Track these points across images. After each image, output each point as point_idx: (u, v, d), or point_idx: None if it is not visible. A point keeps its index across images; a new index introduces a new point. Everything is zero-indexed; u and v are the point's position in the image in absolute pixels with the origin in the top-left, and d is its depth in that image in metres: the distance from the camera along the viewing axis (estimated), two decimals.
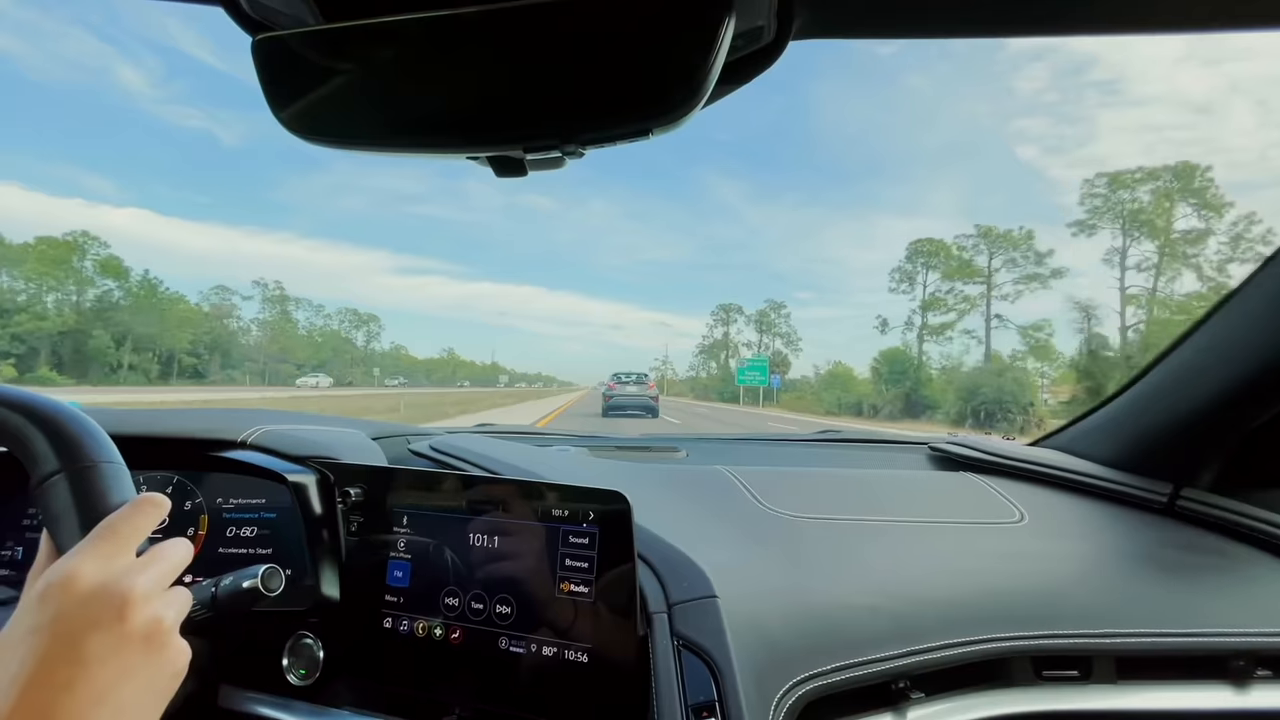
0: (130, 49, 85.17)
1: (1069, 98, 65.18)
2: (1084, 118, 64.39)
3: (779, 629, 0.62)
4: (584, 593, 0.57)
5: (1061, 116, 66.46)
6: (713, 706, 0.50)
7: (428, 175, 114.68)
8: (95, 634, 0.34)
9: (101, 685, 0.34)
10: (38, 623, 0.34)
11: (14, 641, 0.34)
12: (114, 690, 0.34)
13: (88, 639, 0.34)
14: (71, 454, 0.44)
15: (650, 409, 17.95)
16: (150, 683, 0.36)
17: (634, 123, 0.35)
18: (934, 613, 0.67)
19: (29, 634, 0.34)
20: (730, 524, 0.82)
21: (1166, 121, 62.40)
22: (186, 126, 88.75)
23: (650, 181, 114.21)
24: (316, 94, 0.41)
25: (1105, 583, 0.76)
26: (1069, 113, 65.67)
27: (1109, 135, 64.08)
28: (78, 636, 0.34)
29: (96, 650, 0.34)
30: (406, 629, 0.62)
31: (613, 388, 18.74)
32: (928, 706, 0.65)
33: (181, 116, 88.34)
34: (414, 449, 0.97)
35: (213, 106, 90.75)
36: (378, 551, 0.65)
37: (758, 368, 37.85)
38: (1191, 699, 0.67)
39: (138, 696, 0.35)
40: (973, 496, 0.96)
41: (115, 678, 0.34)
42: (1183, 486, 0.88)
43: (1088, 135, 65.31)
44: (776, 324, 58.00)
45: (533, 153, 0.39)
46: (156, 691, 0.37)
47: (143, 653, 0.36)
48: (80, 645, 0.34)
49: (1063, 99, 65.54)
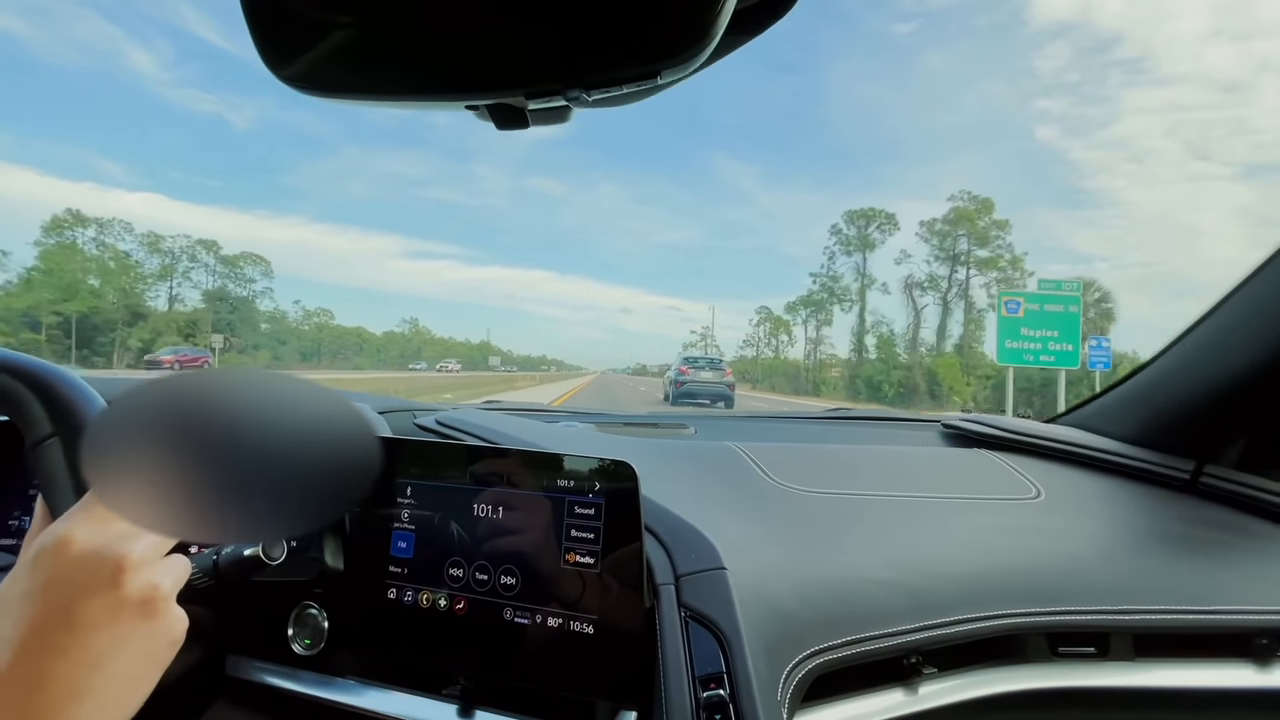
0: (140, 31, 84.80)
1: (1091, 77, 63.41)
2: (1107, 98, 62.67)
3: (789, 602, 0.60)
4: (590, 564, 0.56)
5: (1083, 96, 64.70)
6: (721, 678, 0.49)
7: (435, 158, 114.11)
8: (89, 600, 0.33)
9: (96, 651, 0.33)
10: (31, 587, 0.33)
11: (7, 606, 0.33)
12: (109, 657, 0.33)
13: (81, 605, 0.33)
14: (65, 417, 0.43)
15: (726, 398, 15.93)
16: (146, 650, 0.35)
17: (641, 63, 0.33)
18: (948, 588, 0.66)
19: (22, 599, 0.33)
20: (740, 498, 0.81)
21: (1192, 101, 60.74)
22: (197, 110, 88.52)
23: (660, 165, 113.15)
24: (308, 42, 0.39)
25: (1124, 559, 0.74)
26: (1091, 93, 63.92)
27: (1132, 116, 62.44)
28: (71, 602, 0.33)
29: (90, 616, 0.33)
30: (411, 599, 0.62)
31: (684, 372, 16.41)
32: (940, 682, 0.64)
33: (192, 100, 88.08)
34: (419, 423, 0.96)
35: (222, 90, 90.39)
36: (382, 522, 0.64)
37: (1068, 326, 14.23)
38: (1212, 677, 0.66)
39: (133, 663, 0.35)
40: (988, 473, 0.94)
41: (110, 644, 0.33)
42: (1206, 463, 0.86)
43: (1111, 116, 63.67)
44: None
45: (534, 99, 0.36)
46: (152, 659, 0.36)
47: (138, 619, 0.35)
48: (74, 611, 0.33)
49: (1084, 79, 63.76)
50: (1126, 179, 64.42)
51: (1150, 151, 62.12)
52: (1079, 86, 64.00)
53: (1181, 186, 63.85)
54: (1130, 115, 62.29)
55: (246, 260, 52.49)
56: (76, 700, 0.32)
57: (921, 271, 42.38)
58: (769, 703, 0.49)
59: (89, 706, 0.32)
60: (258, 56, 0.40)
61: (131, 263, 44.28)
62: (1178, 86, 60.78)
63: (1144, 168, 62.80)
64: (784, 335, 55.03)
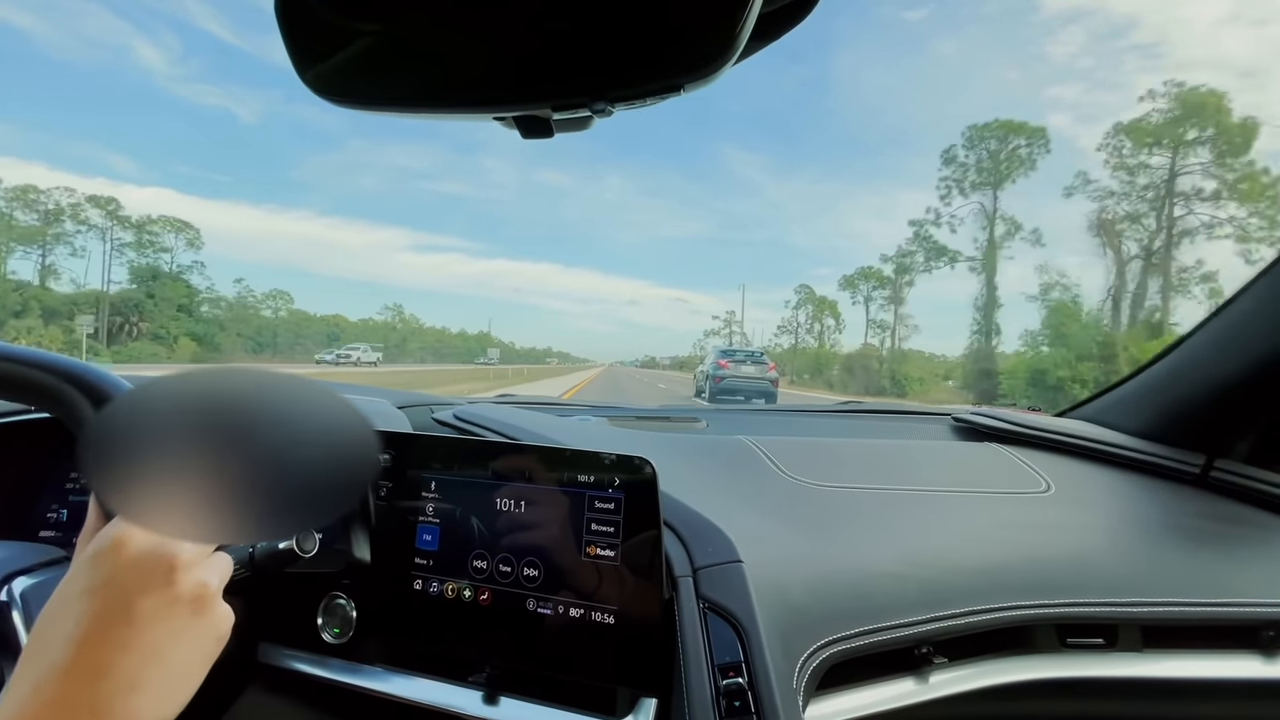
0: (147, 25, 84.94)
1: (1105, 63, 62.15)
2: (1121, 83, 61.44)
3: (803, 595, 0.62)
4: (610, 556, 0.58)
5: (1097, 82, 63.48)
6: (739, 666, 0.51)
7: (442, 151, 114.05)
8: (145, 596, 0.35)
9: (152, 645, 0.35)
10: (91, 584, 0.35)
11: (69, 600, 0.35)
12: (164, 650, 0.35)
13: (139, 601, 0.35)
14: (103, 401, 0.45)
15: (769, 395, 14.53)
16: (197, 644, 0.37)
17: (666, 78, 0.34)
18: (958, 580, 0.67)
19: (83, 594, 0.35)
20: (753, 492, 0.82)
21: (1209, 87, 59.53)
22: (204, 104, 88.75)
23: (666, 157, 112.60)
24: (342, 55, 0.41)
25: (1134, 552, 0.75)
26: (1105, 78, 62.68)
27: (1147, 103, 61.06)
28: (129, 598, 0.35)
29: (147, 612, 0.35)
30: (436, 590, 0.64)
31: (724, 366, 15.05)
32: (950, 671, 0.65)
33: (200, 94, 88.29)
34: (438, 417, 0.98)
35: (230, 84, 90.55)
36: (407, 516, 0.66)
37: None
38: (1219, 668, 0.67)
39: (185, 657, 0.37)
40: (998, 467, 0.95)
41: (165, 638, 0.35)
42: (1216, 457, 0.87)
43: (1125, 103, 62.43)
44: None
45: (560, 112, 0.38)
46: (202, 653, 0.38)
47: (189, 615, 0.37)
48: (132, 606, 0.35)
49: (1099, 64, 62.51)
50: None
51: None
52: (1093, 72, 62.79)
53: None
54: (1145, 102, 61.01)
55: (164, 226, 41.42)
56: (135, 690, 0.34)
57: (1117, 207, 26.73)
58: (785, 691, 0.51)
59: (146, 696, 0.34)
60: (286, 61, 0.41)
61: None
62: (1194, 72, 59.48)
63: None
64: (830, 318, 45.63)
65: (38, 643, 0.34)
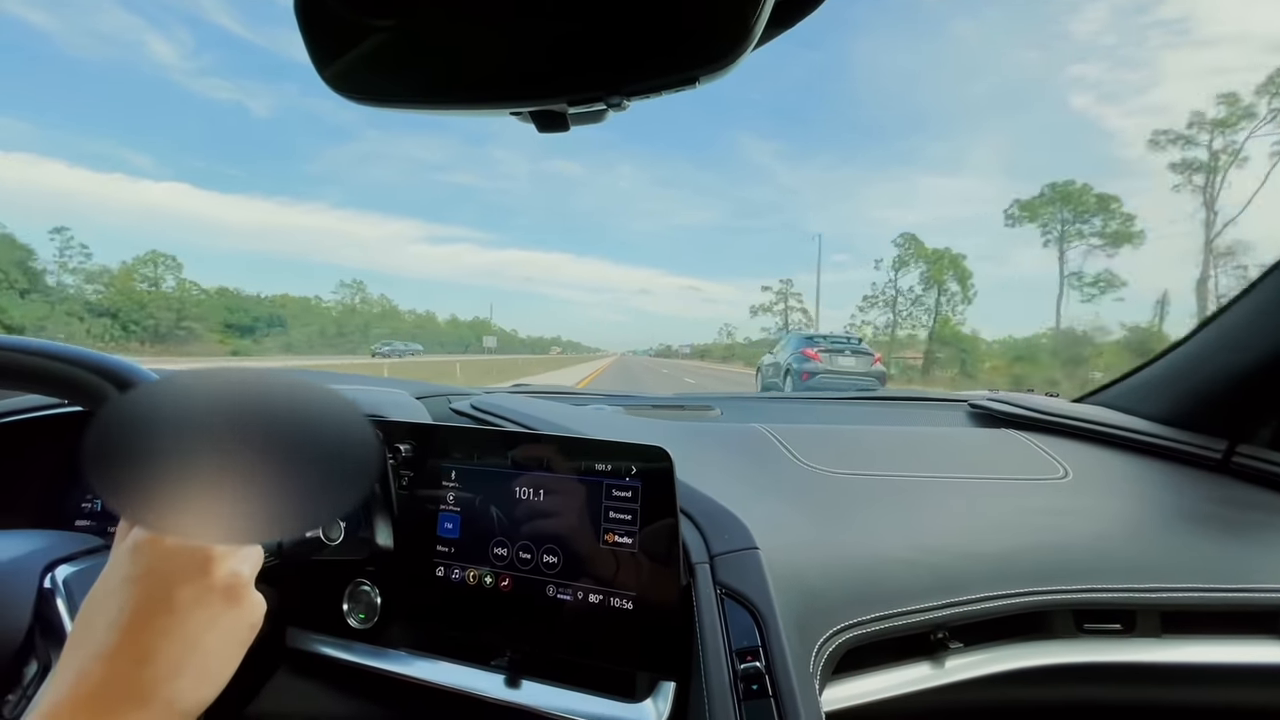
0: (160, 20, 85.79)
1: (1129, 40, 60.23)
2: (1146, 61, 59.54)
3: (819, 581, 0.63)
4: (628, 544, 0.59)
5: (1120, 61, 61.61)
6: (756, 651, 0.52)
7: (454, 142, 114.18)
8: (184, 586, 0.37)
9: (191, 632, 0.36)
10: (132, 573, 0.37)
11: (112, 589, 0.37)
12: (202, 637, 0.37)
13: (177, 591, 0.37)
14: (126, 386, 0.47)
15: None
16: (232, 632, 0.39)
17: (681, 71, 0.34)
18: (974, 566, 0.68)
19: (125, 583, 0.37)
20: (768, 480, 0.83)
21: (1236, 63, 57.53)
22: (217, 99, 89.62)
23: (680, 145, 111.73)
24: (359, 52, 0.41)
25: (1153, 538, 0.75)
26: (1129, 56, 60.78)
27: (1173, 80, 59.21)
28: (169, 588, 0.36)
29: (186, 600, 0.37)
30: (458, 577, 0.65)
31: (812, 358, 11.50)
32: (966, 656, 0.66)
33: (212, 89, 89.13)
34: (455, 408, 1.00)
35: (242, 78, 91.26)
36: (428, 505, 0.67)
37: None
38: (1239, 654, 0.67)
39: (221, 644, 0.38)
40: (1015, 453, 0.94)
41: (202, 626, 0.37)
42: (1239, 443, 0.86)
43: (1150, 81, 60.58)
44: None
45: (576, 106, 0.38)
46: (238, 640, 0.39)
47: (224, 604, 0.38)
48: (171, 596, 0.36)
49: (1122, 41, 60.61)
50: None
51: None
52: (1116, 50, 60.96)
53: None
54: (1170, 80, 59.19)
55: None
56: (177, 675, 0.35)
57: None
58: (802, 674, 0.51)
59: (186, 681, 0.36)
60: (297, 54, 0.42)
61: None
62: (1221, 48, 57.53)
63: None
64: (954, 284, 31.48)
65: (83, 629, 0.36)
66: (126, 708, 0.33)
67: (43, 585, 0.53)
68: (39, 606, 0.52)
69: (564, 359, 57.50)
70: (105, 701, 0.33)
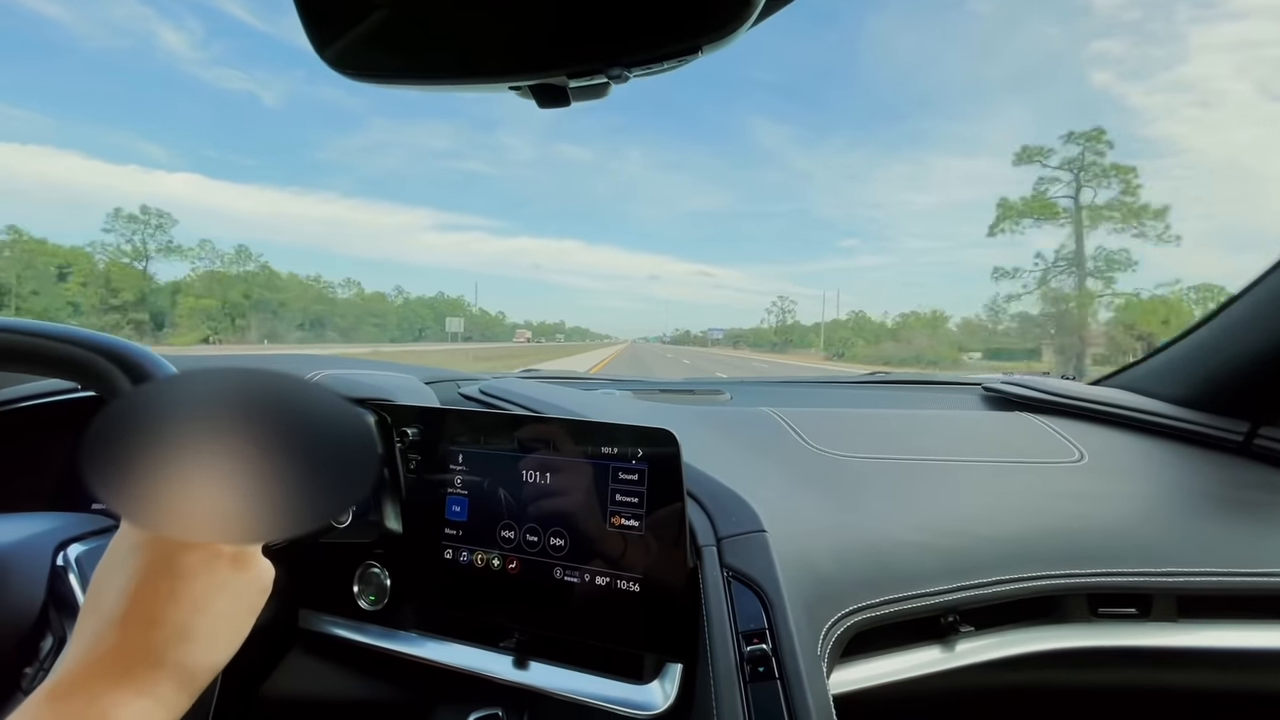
0: (169, 9, 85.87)
1: (1155, 14, 58.30)
2: (1172, 36, 57.71)
3: (828, 564, 0.62)
4: (634, 526, 0.59)
5: (1146, 35, 59.73)
6: (763, 633, 0.51)
7: (463, 128, 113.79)
8: (188, 552, 0.37)
9: (199, 596, 0.37)
10: (137, 541, 0.38)
11: (120, 557, 0.38)
12: (210, 601, 0.37)
13: (182, 556, 0.37)
14: (142, 378, 0.47)
15: None
16: (241, 596, 0.39)
17: (683, 39, 0.33)
18: (986, 550, 0.67)
19: (132, 550, 0.37)
20: (776, 463, 0.82)
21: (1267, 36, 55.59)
22: (229, 89, 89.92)
23: (689, 129, 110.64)
24: (356, 29, 0.40)
25: (1169, 521, 0.74)
26: (1155, 31, 58.90)
27: (1200, 55, 57.32)
28: (173, 554, 0.37)
29: (191, 565, 0.37)
30: (466, 560, 0.65)
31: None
32: (976, 640, 0.65)
33: (224, 78, 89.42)
34: (464, 392, 1.00)
35: (253, 68, 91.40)
36: (436, 488, 0.68)
37: None
38: (1258, 638, 0.66)
39: (230, 607, 0.39)
40: (1029, 436, 0.93)
41: (210, 590, 0.37)
42: (1261, 425, 0.84)
43: (1175, 56, 58.75)
44: None
45: (576, 79, 0.37)
46: (247, 604, 0.40)
47: (231, 569, 0.39)
48: (176, 561, 0.37)
49: (1147, 16, 58.70)
50: (1190, 125, 59.56)
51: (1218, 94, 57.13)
52: (1142, 24, 59.10)
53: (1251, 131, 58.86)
54: (1197, 54, 57.34)
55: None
56: (186, 638, 0.36)
57: None
58: (809, 657, 0.51)
59: (197, 644, 0.36)
60: (306, 42, 0.41)
61: None
62: (1252, 21, 55.59)
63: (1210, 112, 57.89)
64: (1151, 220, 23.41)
65: (94, 597, 0.37)
66: (140, 670, 0.34)
67: (55, 563, 0.54)
68: (52, 583, 0.53)
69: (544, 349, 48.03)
70: (119, 664, 0.33)
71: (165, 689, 0.34)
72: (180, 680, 0.35)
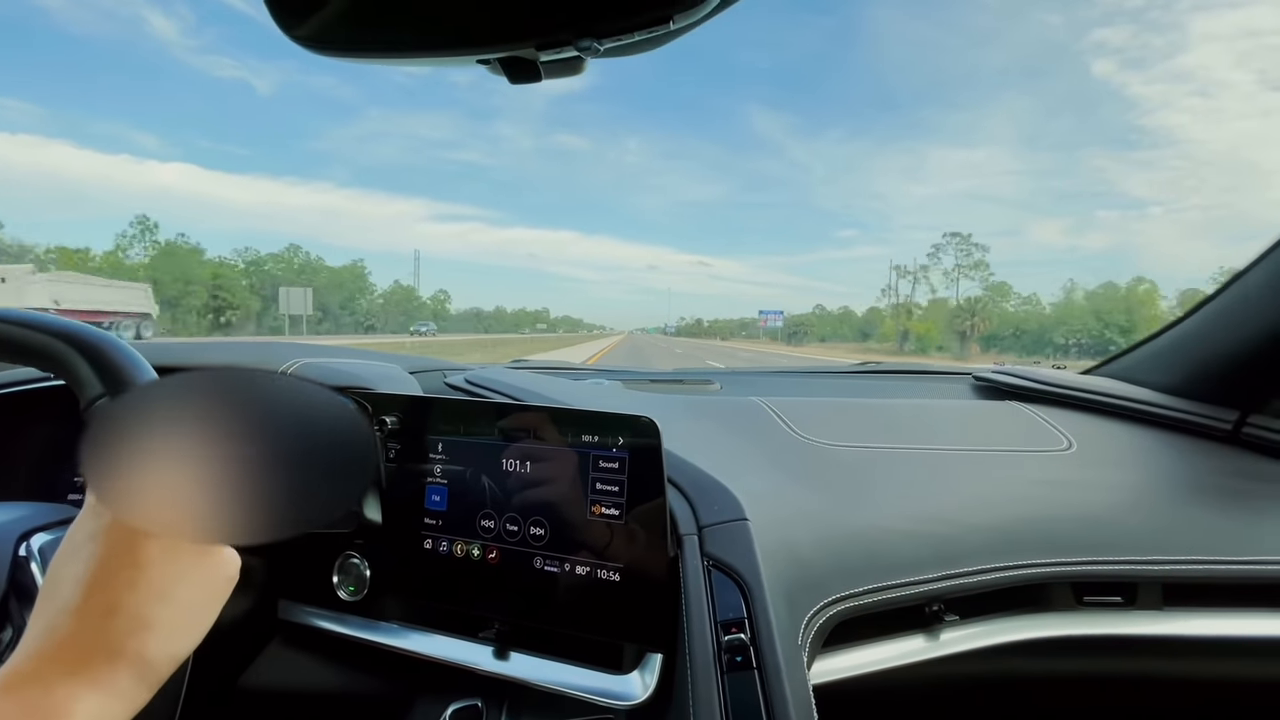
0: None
1: (1157, 2, 58.06)
2: (1174, 24, 57.50)
3: (811, 552, 0.61)
4: (615, 515, 0.58)
5: (1147, 24, 59.56)
6: (742, 623, 0.51)
7: (459, 118, 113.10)
8: (147, 540, 0.36)
9: (160, 585, 0.36)
10: (95, 529, 0.36)
11: (78, 546, 0.36)
12: (172, 590, 0.36)
13: (141, 544, 0.36)
14: (115, 379, 0.46)
15: None
16: (205, 585, 0.38)
17: (653, 9, 0.32)
18: (971, 538, 0.66)
19: (89, 539, 0.36)
20: (763, 452, 0.81)
21: (1270, 25, 55.34)
22: (221, 77, 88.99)
23: (687, 117, 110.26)
24: (325, 6, 0.39)
25: (1158, 510, 0.73)
26: (1156, 20, 58.74)
27: (1201, 44, 57.16)
28: (132, 542, 0.36)
29: (150, 554, 0.36)
30: (446, 550, 0.65)
31: None
32: (961, 629, 0.65)
33: (216, 66, 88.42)
34: (449, 382, 0.99)
35: (245, 55, 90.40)
36: (415, 478, 0.67)
37: None
38: (1243, 626, 0.66)
39: (193, 596, 0.37)
40: (1018, 425, 0.92)
41: (172, 579, 0.36)
42: (1250, 413, 0.84)
43: (1176, 45, 58.60)
44: None
45: (546, 50, 0.36)
46: (211, 592, 0.39)
47: (194, 557, 0.38)
48: (135, 549, 0.36)
49: (1149, 4, 58.48)
50: (1189, 115, 59.62)
51: (1218, 84, 57.07)
52: (1143, 13, 58.90)
53: (1251, 122, 58.84)
54: (1198, 44, 57.25)
55: None
56: (146, 628, 0.35)
57: None
58: (789, 646, 0.50)
59: (157, 634, 0.35)
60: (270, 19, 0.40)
61: None
62: (1254, 8, 55.39)
63: (1210, 102, 57.92)
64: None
65: (51, 586, 0.36)
66: (97, 661, 0.33)
67: (18, 553, 0.52)
68: (14, 573, 0.51)
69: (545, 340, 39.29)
70: (74, 654, 0.32)
71: (123, 680, 0.33)
72: (139, 671, 0.34)
